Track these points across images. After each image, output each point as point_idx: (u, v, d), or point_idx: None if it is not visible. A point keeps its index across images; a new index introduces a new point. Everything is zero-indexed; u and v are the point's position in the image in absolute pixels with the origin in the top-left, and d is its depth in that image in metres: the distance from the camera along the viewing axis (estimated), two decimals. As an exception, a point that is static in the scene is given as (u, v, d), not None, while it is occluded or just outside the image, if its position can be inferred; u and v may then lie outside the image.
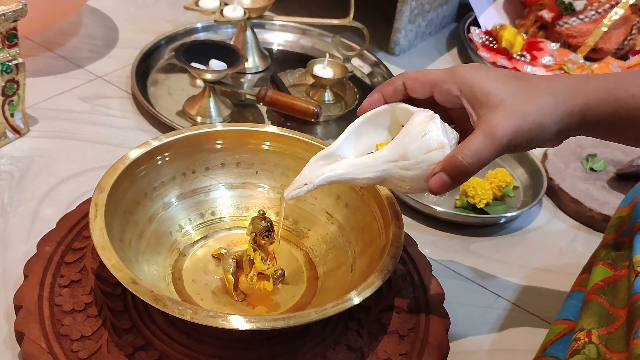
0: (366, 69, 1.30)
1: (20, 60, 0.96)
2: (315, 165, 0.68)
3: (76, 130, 1.06)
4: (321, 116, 1.07)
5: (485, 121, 0.62)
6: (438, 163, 0.63)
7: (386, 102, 0.69)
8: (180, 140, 0.82)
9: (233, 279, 0.76)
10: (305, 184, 0.68)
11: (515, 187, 1.05)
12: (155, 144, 0.80)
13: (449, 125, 0.67)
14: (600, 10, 1.37)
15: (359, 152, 0.69)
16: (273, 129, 0.86)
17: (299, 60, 1.31)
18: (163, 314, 0.68)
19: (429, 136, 0.63)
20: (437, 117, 0.64)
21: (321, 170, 0.67)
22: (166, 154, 0.82)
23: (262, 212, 0.75)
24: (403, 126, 0.65)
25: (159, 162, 0.81)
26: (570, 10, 1.38)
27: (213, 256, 0.82)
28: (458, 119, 0.69)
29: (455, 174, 0.63)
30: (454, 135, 0.66)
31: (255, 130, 0.86)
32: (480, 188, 0.97)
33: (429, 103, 0.67)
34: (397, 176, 0.65)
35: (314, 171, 0.68)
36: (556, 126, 0.63)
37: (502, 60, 1.32)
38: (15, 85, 0.98)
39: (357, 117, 0.69)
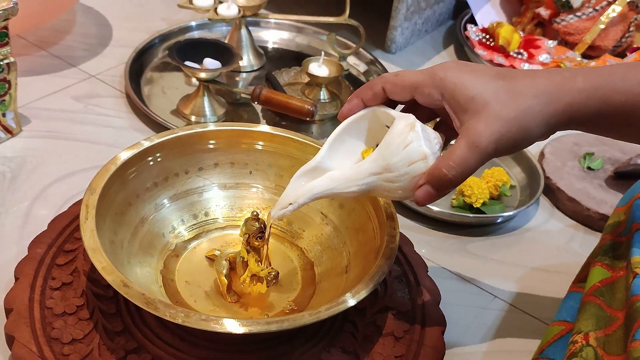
0: (362, 67, 1.29)
1: (12, 59, 0.95)
2: (299, 182, 0.67)
3: (69, 130, 1.05)
4: (316, 115, 1.06)
5: (468, 129, 0.61)
6: (422, 174, 0.62)
7: (366, 107, 0.67)
8: (172, 140, 0.81)
9: (226, 281, 0.75)
10: (290, 204, 0.67)
11: (512, 187, 1.04)
12: (146, 144, 0.79)
13: (434, 121, 0.66)
14: (597, 8, 1.36)
15: (344, 160, 0.68)
16: (266, 128, 0.85)
17: (294, 58, 1.30)
18: (155, 317, 0.67)
19: (411, 147, 0.62)
20: (418, 125, 0.63)
21: (305, 187, 0.66)
22: (158, 155, 0.81)
23: (255, 214, 0.74)
24: (388, 127, 0.64)
25: (151, 163, 0.80)
26: (567, 8, 1.37)
27: (207, 257, 0.81)
28: (443, 115, 0.68)
29: (440, 186, 0.62)
30: (437, 140, 0.65)
31: (249, 129, 0.85)
32: (476, 187, 0.96)
33: (411, 103, 0.66)
34: (382, 188, 0.64)
35: (298, 189, 0.67)
36: (541, 128, 0.62)
37: (499, 58, 1.31)
38: (6, 85, 0.97)
39: (339, 122, 0.68)
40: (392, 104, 0.67)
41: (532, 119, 0.61)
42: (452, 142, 0.66)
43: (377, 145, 0.64)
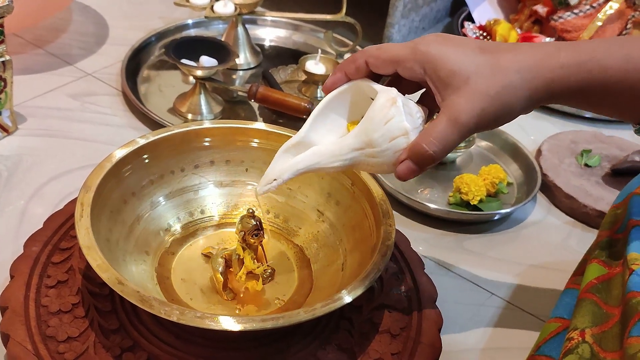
0: (359, 65, 1.29)
1: (7, 57, 0.95)
2: (284, 157, 0.67)
3: (65, 128, 1.05)
4: (313, 112, 1.06)
5: (449, 105, 0.61)
6: (404, 150, 0.62)
7: (350, 80, 0.67)
8: (168, 138, 0.81)
9: (222, 278, 0.75)
10: (275, 179, 0.67)
11: (509, 184, 1.04)
12: (141, 142, 0.79)
13: (417, 91, 0.65)
14: (595, 5, 1.36)
15: (329, 134, 0.67)
16: (262, 125, 0.85)
17: (291, 56, 1.30)
18: (151, 315, 0.67)
19: (392, 123, 0.61)
20: (399, 100, 0.62)
21: (289, 162, 0.66)
22: (153, 152, 0.80)
23: (251, 211, 0.74)
24: (373, 99, 0.63)
25: (146, 161, 0.80)
26: (564, 5, 1.37)
27: (203, 254, 0.81)
28: (427, 87, 0.67)
29: (421, 162, 0.62)
30: (419, 114, 0.64)
31: (244, 127, 0.85)
32: (473, 185, 0.96)
33: (395, 76, 0.66)
34: (365, 163, 0.64)
35: (282, 164, 0.66)
36: (522, 103, 0.62)
37: (496, 56, 1.31)
38: (2, 83, 0.96)
39: (324, 95, 0.68)
40: (376, 77, 0.67)
41: (513, 95, 0.61)
42: (436, 115, 0.66)
43: (362, 118, 0.64)
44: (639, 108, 0.62)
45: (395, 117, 0.61)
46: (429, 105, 0.67)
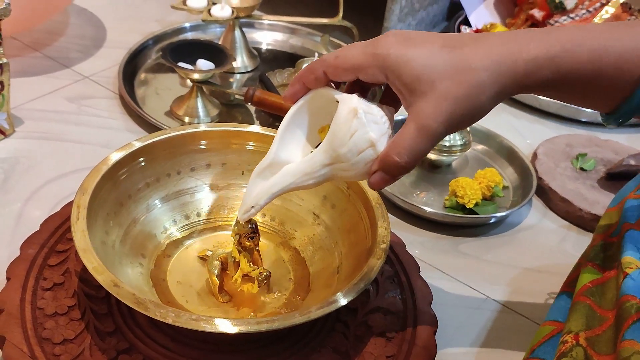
0: (356, 69, 1.29)
1: (5, 60, 0.96)
2: (259, 181, 0.66)
3: (62, 131, 1.05)
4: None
5: (416, 111, 0.59)
6: (374, 160, 0.61)
7: (309, 90, 0.65)
8: (164, 141, 0.81)
9: (218, 281, 0.75)
10: (252, 207, 0.67)
11: (504, 187, 1.04)
12: (138, 145, 0.79)
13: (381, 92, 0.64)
14: (591, 9, 1.37)
15: (301, 146, 0.67)
16: (257, 129, 0.85)
17: (288, 59, 1.30)
18: (147, 317, 0.67)
19: (357, 136, 0.60)
20: (360, 110, 0.60)
21: (264, 187, 0.65)
22: (150, 155, 0.81)
23: (247, 214, 0.74)
24: (337, 102, 0.62)
25: (143, 164, 0.80)
26: (561, 9, 1.37)
27: (199, 257, 0.81)
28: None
29: (392, 172, 0.61)
30: (385, 118, 0.62)
31: (240, 130, 0.85)
32: (469, 188, 0.96)
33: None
34: (339, 176, 0.63)
35: (258, 189, 0.66)
36: (492, 100, 0.59)
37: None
38: (-1, 86, 0.97)
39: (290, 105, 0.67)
40: (337, 83, 0.65)
41: (482, 94, 0.58)
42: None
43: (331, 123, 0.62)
44: (610, 99, 0.60)
45: (359, 130, 0.60)
46: (395, 97, 0.64)
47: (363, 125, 0.60)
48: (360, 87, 0.64)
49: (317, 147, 0.64)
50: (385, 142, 0.61)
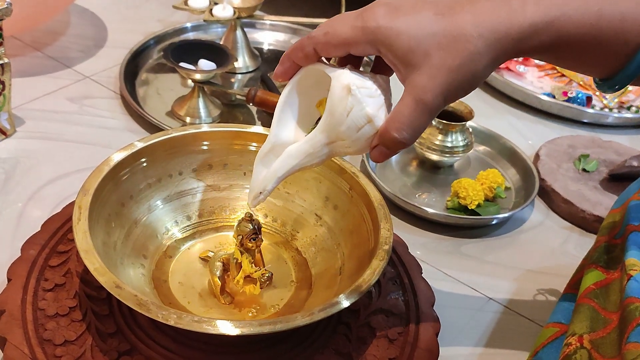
0: (357, 69, 1.29)
1: (6, 60, 0.95)
2: (262, 168, 0.66)
3: (63, 131, 1.05)
4: (311, 116, 1.06)
5: (412, 84, 0.57)
6: (374, 135, 0.60)
7: (300, 67, 0.64)
8: (166, 141, 0.81)
9: (220, 282, 0.75)
10: (261, 192, 0.66)
11: (507, 188, 1.04)
12: (139, 145, 0.79)
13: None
14: None
15: (300, 123, 0.66)
16: (259, 129, 0.85)
17: (290, 60, 1.30)
18: (148, 318, 0.66)
19: (354, 113, 0.59)
20: (354, 86, 0.59)
21: (269, 172, 0.65)
22: (151, 156, 0.80)
23: (248, 215, 0.74)
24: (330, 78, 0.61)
25: (144, 164, 0.80)
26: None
27: (200, 258, 0.80)
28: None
29: (393, 147, 0.60)
30: (380, 90, 0.60)
31: (242, 131, 0.85)
32: (471, 189, 0.96)
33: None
34: (342, 152, 0.63)
35: (263, 175, 0.66)
36: (488, 67, 0.58)
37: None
38: (0, 86, 0.96)
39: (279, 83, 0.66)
40: (328, 58, 0.64)
41: (478, 62, 0.56)
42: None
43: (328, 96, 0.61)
44: (607, 64, 0.59)
45: (355, 107, 0.59)
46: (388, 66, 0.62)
47: (359, 101, 0.59)
48: (352, 57, 0.62)
49: (317, 121, 0.63)
50: (384, 115, 0.60)
